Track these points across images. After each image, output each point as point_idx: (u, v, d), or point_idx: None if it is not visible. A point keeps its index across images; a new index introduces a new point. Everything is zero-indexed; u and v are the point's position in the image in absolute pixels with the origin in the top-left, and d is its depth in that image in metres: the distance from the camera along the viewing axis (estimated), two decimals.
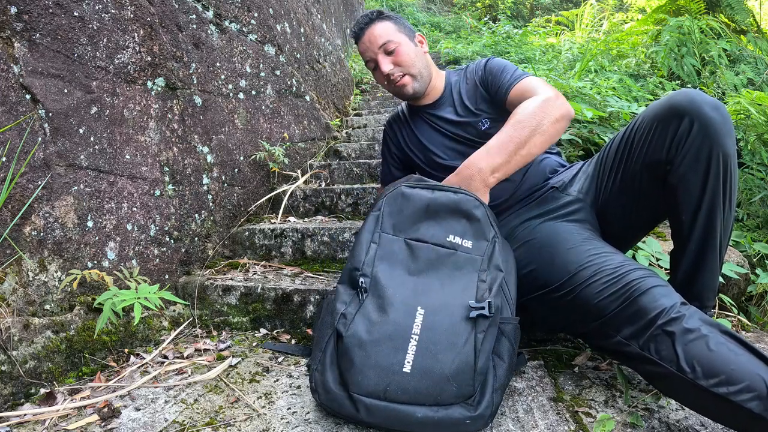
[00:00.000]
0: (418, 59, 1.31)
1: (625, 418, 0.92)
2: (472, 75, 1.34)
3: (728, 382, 0.74)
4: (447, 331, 0.86)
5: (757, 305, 1.53)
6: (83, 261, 1.25)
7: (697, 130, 0.91)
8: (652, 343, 0.83)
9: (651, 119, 1.00)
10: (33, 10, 1.16)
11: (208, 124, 1.77)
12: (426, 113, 1.39)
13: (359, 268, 0.95)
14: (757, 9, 5.98)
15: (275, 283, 1.53)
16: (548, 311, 1.03)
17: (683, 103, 0.93)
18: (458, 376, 0.83)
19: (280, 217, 2.03)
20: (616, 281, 0.90)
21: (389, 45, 1.27)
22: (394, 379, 0.83)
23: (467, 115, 1.31)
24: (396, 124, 1.50)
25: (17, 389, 1.05)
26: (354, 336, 0.87)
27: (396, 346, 0.85)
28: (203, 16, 1.81)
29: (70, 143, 1.23)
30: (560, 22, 6.21)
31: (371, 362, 0.84)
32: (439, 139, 1.36)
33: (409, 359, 0.84)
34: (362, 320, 0.89)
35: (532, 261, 1.06)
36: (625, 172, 1.09)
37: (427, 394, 0.83)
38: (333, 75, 3.48)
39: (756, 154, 2.12)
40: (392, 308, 0.89)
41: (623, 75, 2.92)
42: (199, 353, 1.30)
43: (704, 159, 0.92)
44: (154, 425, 0.95)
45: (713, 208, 0.94)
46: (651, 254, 1.36)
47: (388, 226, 1.00)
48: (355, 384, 0.84)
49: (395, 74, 1.28)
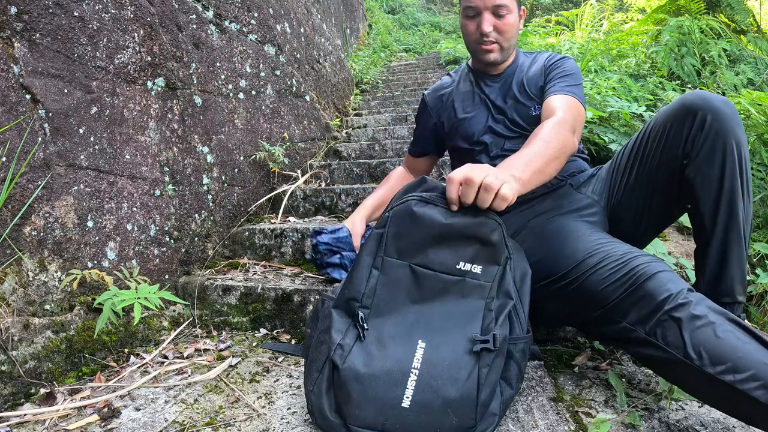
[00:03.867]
0: (515, 35, 1.28)
1: (625, 418, 0.92)
2: (541, 62, 1.33)
3: (735, 370, 0.74)
4: (449, 366, 0.82)
5: (757, 305, 1.53)
6: (83, 261, 1.25)
7: (711, 122, 0.95)
8: (659, 329, 0.83)
9: (665, 119, 1.04)
10: (33, 10, 1.16)
11: (208, 124, 1.77)
12: (484, 83, 1.35)
13: (358, 299, 0.88)
14: (757, 9, 5.98)
15: (275, 283, 1.53)
16: (552, 301, 1.03)
17: (695, 101, 0.97)
18: (459, 410, 0.81)
19: (280, 217, 2.03)
20: (622, 266, 0.90)
21: (501, 9, 1.21)
22: (392, 414, 0.80)
23: (522, 95, 1.29)
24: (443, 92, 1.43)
25: (17, 389, 1.05)
26: (351, 369, 0.82)
27: (395, 380, 0.82)
28: (203, 16, 1.81)
29: (70, 143, 1.23)
30: (560, 22, 6.20)
31: (369, 396, 0.81)
32: (485, 113, 1.33)
33: (408, 394, 0.81)
34: (360, 353, 0.84)
35: (539, 251, 1.06)
36: (639, 172, 1.11)
37: (426, 427, 0.81)
38: (333, 75, 3.48)
39: (756, 154, 2.11)
40: (392, 342, 0.85)
41: (623, 75, 2.92)
42: (199, 353, 1.30)
43: (720, 148, 0.95)
44: (154, 425, 0.95)
45: (733, 195, 0.96)
46: (654, 254, 1.36)
47: (393, 250, 0.89)
48: (352, 417, 0.81)
49: (491, 37, 1.24)
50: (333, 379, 0.85)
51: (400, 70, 6.20)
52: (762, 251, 1.60)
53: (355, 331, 0.87)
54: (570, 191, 1.22)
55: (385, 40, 8.09)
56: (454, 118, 1.36)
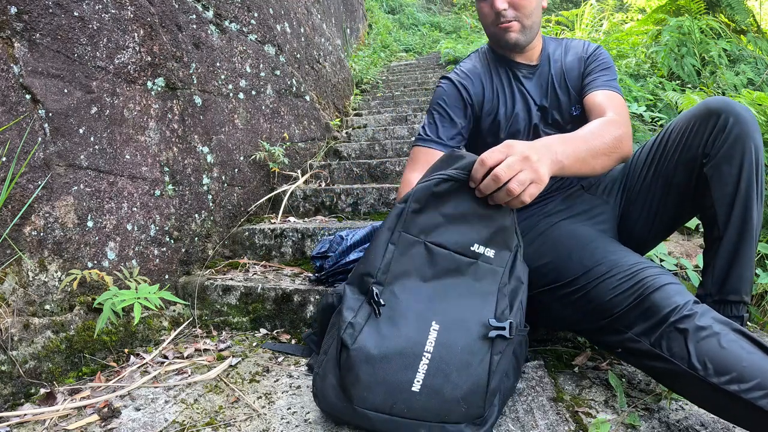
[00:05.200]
0: (537, 11, 1.16)
1: (625, 418, 0.92)
2: (579, 54, 1.23)
3: (739, 380, 0.74)
4: (462, 350, 0.81)
5: (757, 305, 1.53)
6: (83, 261, 1.25)
7: (733, 123, 0.97)
8: (664, 341, 0.83)
9: (688, 119, 1.05)
10: (33, 10, 1.16)
11: (208, 124, 1.77)
12: (520, 72, 1.23)
13: (373, 274, 0.87)
14: (757, 9, 5.98)
15: (275, 283, 1.53)
16: (558, 306, 1.03)
17: (719, 104, 1.00)
18: (469, 398, 0.80)
19: (280, 217, 2.03)
20: (630, 277, 0.90)
21: None
22: (402, 398, 0.80)
23: (564, 93, 1.20)
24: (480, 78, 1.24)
25: (17, 389, 1.05)
26: (361, 350, 0.81)
27: (406, 363, 0.80)
28: (203, 16, 1.81)
29: (70, 143, 1.23)
30: (560, 22, 6.20)
31: (379, 378, 0.80)
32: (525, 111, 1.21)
33: (419, 378, 0.80)
34: (371, 333, 0.83)
35: (547, 254, 1.06)
36: (657, 171, 1.11)
37: (434, 413, 0.80)
38: (333, 75, 3.48)
39: None
40: (404, 321, 0.83)
41: (623, 75, 2.92)
42: (199, 353, 1.30)
43: (739, 149, 0.96)
44: (154, 425, 0.95)
45: (749, 196, 0.97)
46: (656, 255, 1.36)
47: (411, 225, 0.89)
48: (360, 399, 0.81)
49: (508, 14, 1.13)
50: (341, 360, 0.83)
51: (400, 70, 6.20)
52: (762, 251, 1.60)
53: (367, 309, 0.85)
54: (580, 193, 1.22)
55: (385, 40, 8.09)
56: (495, 112, 1.22)
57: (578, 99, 1.19)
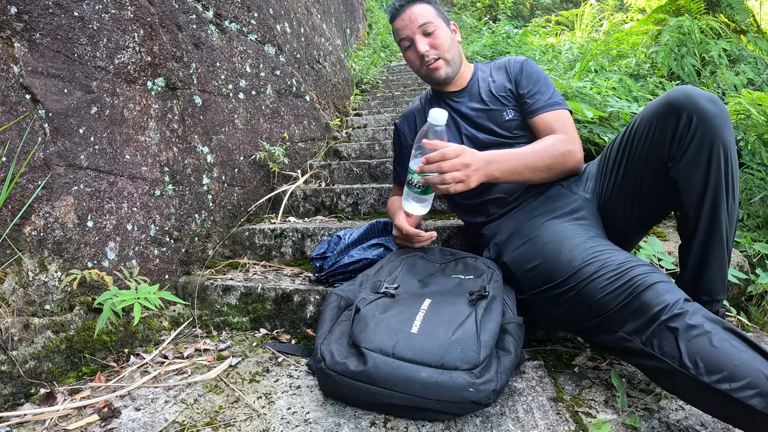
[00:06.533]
0: (453, 46, 1.34)
1: (625, 419, 0.92)
2: (504, 68, 1.37)
3: (731, 379, 0.74)
4: (450, 311, 0.98)
5: (757, 305, 1.53)
6: (83, 261, 1.25)
7: (696, 124, 0.93)
8: (655, 339, 0.83)
9: (649, 118, 1.03)
10: (33, 10, 1.16)
11: (208, 124, 1.77)
12: (452, 99, 1.40)
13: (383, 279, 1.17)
14: (757, 9, 5.98)
15: (275, 283, 1.53)
16: (551, 307, 1.04)
17: (680, 99, 0.95)
18: (462, 341, 0.89)
19: (280, 217, 2.03)
20: (619, 276, 0.90)
21: (428, 26, 1.29)
22: (402, 338, 0.91)
23: (493, 102, 1.34)
24: (414, 115, 1.49)
25: (17, 389, 1.05)
26: (370, 310, 1.01)
27: (406, 317, 0.97)
28: (203, 16, 1.81)
29: (70, 143, 1.23)
30: (560, 22, 6.21)
31: (383, 325, 0.94)
32: (459, 126, 1.38)
33: (417, 323, 0.95)
34: (378, 305, 1.04)
35: (537, 256, 1.06)
36: (627, 171, 1.11)
37: (432, 352, 0.87)
38: (333, 75, 3.48)
39: (756, 154, 2.11)
40: (403, 297, 1.08)
41: (623, 75, 2.92)
42: (199, 353, 1.30)
43: (705, 152, 0.93)
44: (154, 425, 0.95)
45: (717, 200, 0.95)
46: (653, 254, 1.36)
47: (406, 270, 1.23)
48: (366, 340, 0.91)
49: (430, 56, 1.30)
50: (353, 322, 0.99)
51: (400, 70, 6.20)
52: (762, 251, 1.60)
53: (378, 296, 1.08)
54: (562, 192, 1.22)
55: (385, 40, 8.08)
56: None
57: (511, 106, 1.33)
